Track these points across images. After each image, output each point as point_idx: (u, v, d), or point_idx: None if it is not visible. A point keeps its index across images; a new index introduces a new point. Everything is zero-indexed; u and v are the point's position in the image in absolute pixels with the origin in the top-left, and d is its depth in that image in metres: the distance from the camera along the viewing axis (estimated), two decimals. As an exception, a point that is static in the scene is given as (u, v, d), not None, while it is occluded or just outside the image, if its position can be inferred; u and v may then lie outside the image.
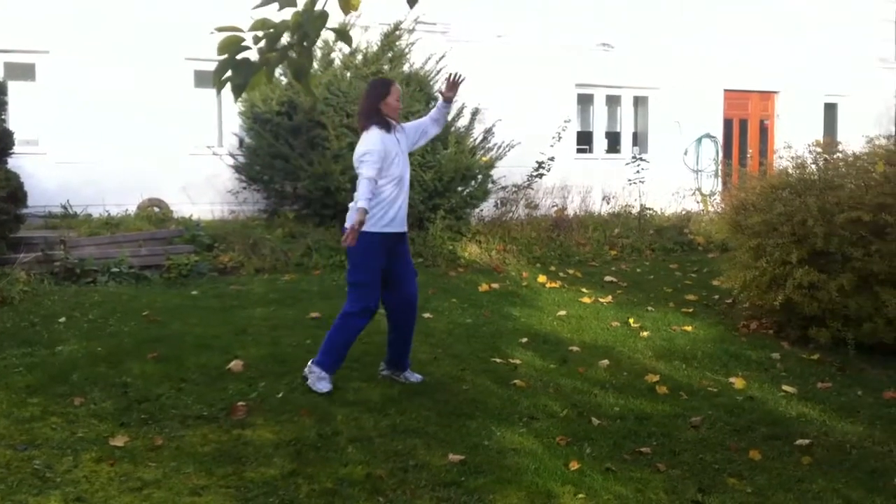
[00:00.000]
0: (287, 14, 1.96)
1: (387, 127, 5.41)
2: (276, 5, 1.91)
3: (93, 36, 11.57)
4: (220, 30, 1.93)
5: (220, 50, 1.94)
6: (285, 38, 1.96)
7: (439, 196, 10.71)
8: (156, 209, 11.70)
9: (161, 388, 5.35)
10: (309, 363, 5.50)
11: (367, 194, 5.16)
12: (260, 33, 1.90)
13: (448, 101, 5.67)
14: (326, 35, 2.62)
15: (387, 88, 5.47)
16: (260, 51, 1.95)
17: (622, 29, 15.15)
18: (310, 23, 1.88)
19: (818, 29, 16.61)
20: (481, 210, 11.87)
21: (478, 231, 11.24)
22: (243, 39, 1.94)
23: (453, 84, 5.60)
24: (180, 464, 4.23)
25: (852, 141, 8.84)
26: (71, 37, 11.49)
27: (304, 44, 1.93)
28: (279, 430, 4.72)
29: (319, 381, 5.40)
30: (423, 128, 5.73)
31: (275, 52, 1.93)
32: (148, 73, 11.83)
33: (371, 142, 5.29)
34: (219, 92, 2.13)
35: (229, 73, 1.95)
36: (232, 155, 11.73)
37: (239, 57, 1.92)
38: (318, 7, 1.93)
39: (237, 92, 2.06)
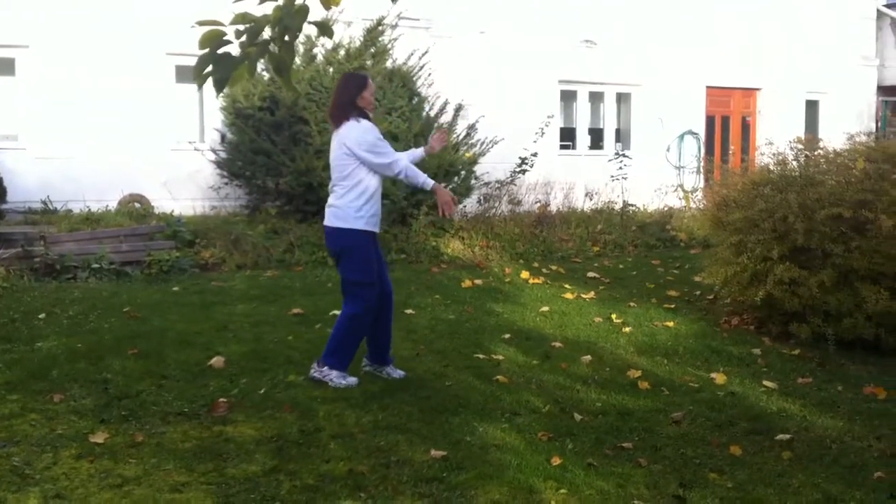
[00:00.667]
0: (268, 8, 1.95)
1: (368, 119, 5.43)
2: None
3: (73, 31, 11.49)
4: (202, 24, 1.91)
5: (202, 44, 1.92)
6: (267, 33, 1.95)
7: (422, 192, 10.69)
8: (137, 205, 11.63)
9: (142, 385, 5.32)
10: (316, 366, 5.47)
11: (418, 173, 5.46)
12: (241, 27, 1.89)
13: (429, 152, 5.99)
14: (309, 30, 2.60)
15: (364, 82, 5.46)
16: (241, 45, 1.93)
17: (605, 26, 15.19)
18: (290, 17, 1.87)
19: (800, 26, 16.71)
20: (464, 206, 11.87)
21: (461, 227, 11.24)
22: (224, 34, 1.92)
23: (440, 139, 5.85)
24: (161, 460, 4.21)
25: (833, 138, 8.92)
26: (51, 31, 11.41)
27: (286, 38, 1.92)
28: (261, 426, 4.70)
29: (343, 378, 5.42)
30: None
31: (256, 46, 1.91)
32: (129, 68, 11.76)
33: (373, 129, 5.34)
34: (200, 86, 2.12)
35: (210, 67, 1.94)
36: (214, 150, 11.68)
37: (220, 51, 1.91)
38: (298, 2, 1.92)
39: (219, 86, 2.04)
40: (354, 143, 5.28)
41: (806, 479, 4.30)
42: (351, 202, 5.32)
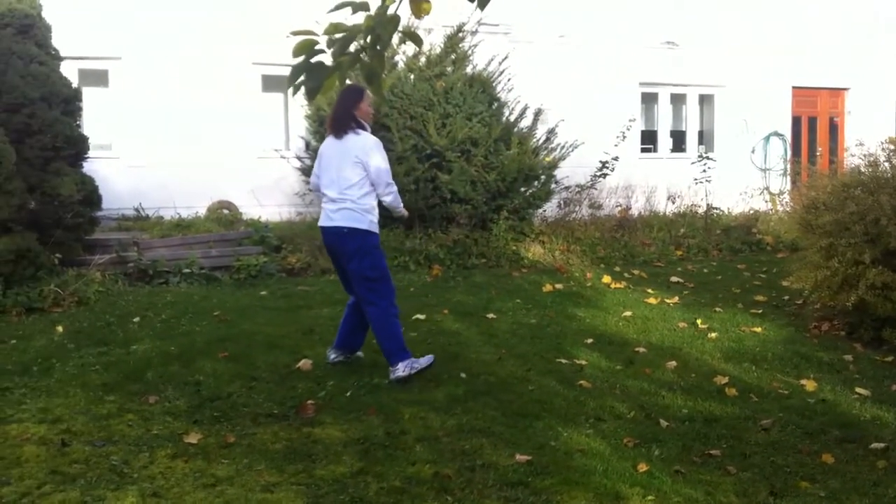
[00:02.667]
0: (359, 18, 2.00)
1: (366, 130, 5.69)
2: (349, 9, 1.95)
3: (163, 43, 11.85)
4: (295, 34, 1.97)
5: (295, 53, 1.98)
6: (357, 43, 1.99)
7: (502, 197, 10.71)
8: (225, 211, 11.92)
9: (232, 387, 5.46)
10: (391, 372, 5.58)
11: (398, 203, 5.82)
12: (334, 37, 1.94)
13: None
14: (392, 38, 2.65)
15: (360, 94, 5.67)
16: (333, 54, 1.98)
17: (687, 26, 14.96)
18: (382, 26, 1.91)
19: (890, 24, 16.18)
20: (544, 210, 11.83)
21: (541, 231, 11.21)
22: (317, 43, 1.97)
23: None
24: (252, 461, 4.32)
25: (927, 137, 8.61)
26: (142, 43, 11.78)
27: (377, 47, 1.97)
28: (347, 428, 4.78)
29: (416, 363, 5.56)
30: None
31: (347, 55, 1.96)
32: (217, 78, 12.08)
33: (379, 146, 5.64)
34: (294, 94, 2.18)
35: (303, 76, 2.00)
36: (299, 158, 11.89)
37: (313, 60, 1.96)
38: (389, 11, 1.96)
39: (311, 95, 2.10)
40: (365, 151, 5.56)
41: (902, 490, 4.17)
42: (366, 205, 5.59)
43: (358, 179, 5.55)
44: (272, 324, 7.12)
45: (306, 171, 11.73)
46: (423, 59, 11.16)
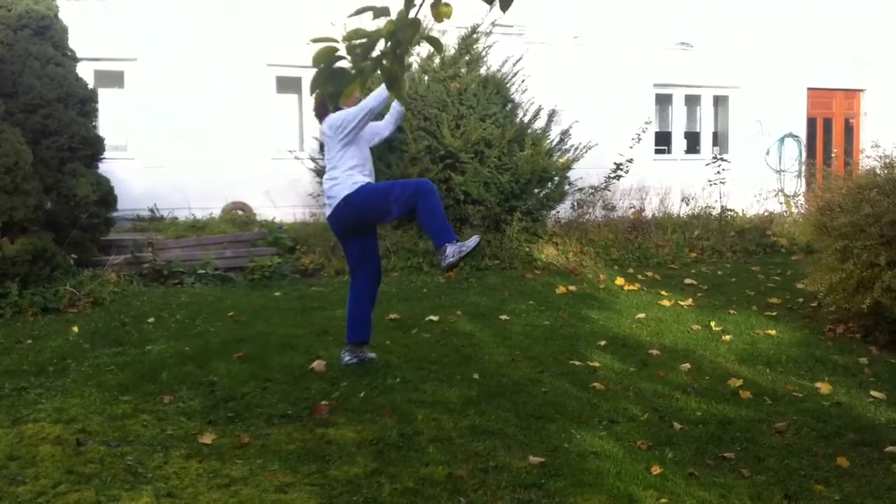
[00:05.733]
0: (380, 22, 2.01)
1: None
2: (369, 14, 1.96)
3: (178, 44, 11.91)
4: (316, 41, 1.98)
5: (316, 61, 1.99)
6: (379, 47, 2.01)
7: (515, 198, 10.71)
8: (239, 212, 11.98)
9: (246, 387, 5.48)
10: (438, 254, 5.58)
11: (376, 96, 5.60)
12: (355, 42, 1.95)
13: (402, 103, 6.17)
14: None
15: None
16: (354, 60, 2.00)
17: (701, 27, 14.93)
18: (402, 30, 1.92)
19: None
20: (558, 212, 11.83)
21: (554, 233, 11.20)
22: (338, 49, 1.99)
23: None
24: (266, 461, 4.33)
25: (944, 140, 8.57)
26: (157, 45, 11.86)
27: (397, 52, 1.98)
28: (361, 429, 4.79)
29: (463, 247, 5.49)
30: (376, 130, 6.08)
31: (369, 61, 1.97)
32: (231, 79, 12.14)
33: (346, 110, 5.67)
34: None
35: (325, 82, 2.01)
36: (313, 159, 11.93)
37: (335, 66, 1.98)
38: (410, 15, 1.97)
39: (333, 100, 2.12)
40: (330, 126, 5.71)
41: (918, 494, 4.15)
42: (349, 172, 5.67)
43: (333, 154, 5.73)
44: (286, 325, 7.15)
45: (320, 173, 11.76)
46: (437, 61, 11.18)
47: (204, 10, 12.04)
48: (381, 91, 5.59)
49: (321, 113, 5.91)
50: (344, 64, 2.01)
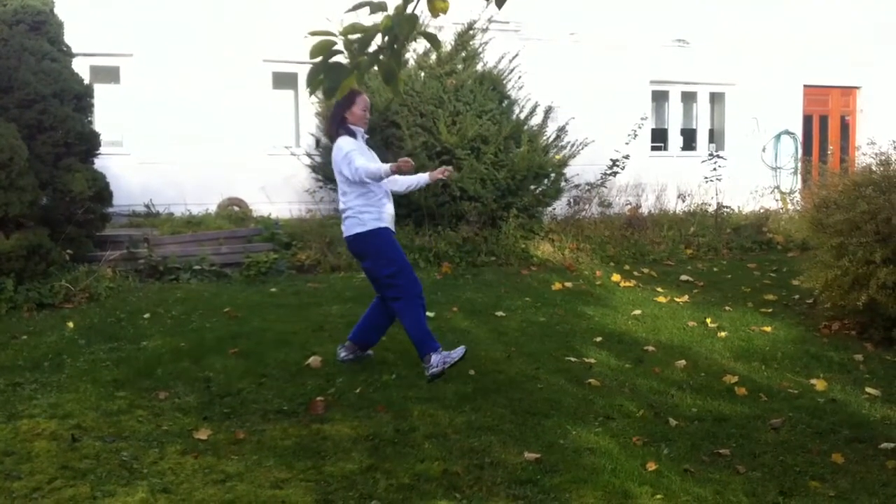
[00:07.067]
0: (377, 17, 2.00)
1: (353, 135, 5.70)
2: (365, 9, 1.96)
3: (174, 39, 11.88)
4: (313, 34, 1.98)
5: (313, 54, 1.99)
6: (376, 42, 2.00)
7: (512, 195, 10.71)
8: (235, 208, 11.96)
9: (242, 383, 5.48)
10: (425, 367, 5.58)
11: (376, 169, 5.50)
12: (352, 37, 1.95)
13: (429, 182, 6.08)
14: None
15: (350, 99, 5.66)
16: (351, 54, 1.99)
17: (698, 25, 14.93)
18: (400, 25, 1.92)
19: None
20: (554, 209, 11.83)
21: (551, 230, 11.21)
22: (335, 43, 1.98)
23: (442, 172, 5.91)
24: (262, 457, 4.33)
25: (940, 137, 8.58)
26: (153, 40, 11.82)
27: (394, 47, 1.97)
28: (357, 425, 4.79)
29: (447, 357, 5.53)
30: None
31: (366, 56, 1.97)
32: (228, 75, 12.11)
33: (346, 144, 5.62)
34: (312, 93, 2.19)
35: (322, 76, 2.01)
36: (309, 155, 11.92)
37: (331, 61, 1.97)
38: (407, 10, 1.96)
39: (329, 95, 2.11)
40: (336, 162, 5.64)
41: (913, 490, 4.16)
42: (362, 206, 5.60)
43: (346, 187, 5.66)
44: (282, 321, 7.14)
45: (316, 169, 11.77)
46: (433, 57, 11.16)
47: (200, 5, 12.01)
48: (379, 171, 5.50)
49: (330, 134, 5.91)
50: (341, 59, 2.00)
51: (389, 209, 5.74)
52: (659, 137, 15.73)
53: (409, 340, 5.72)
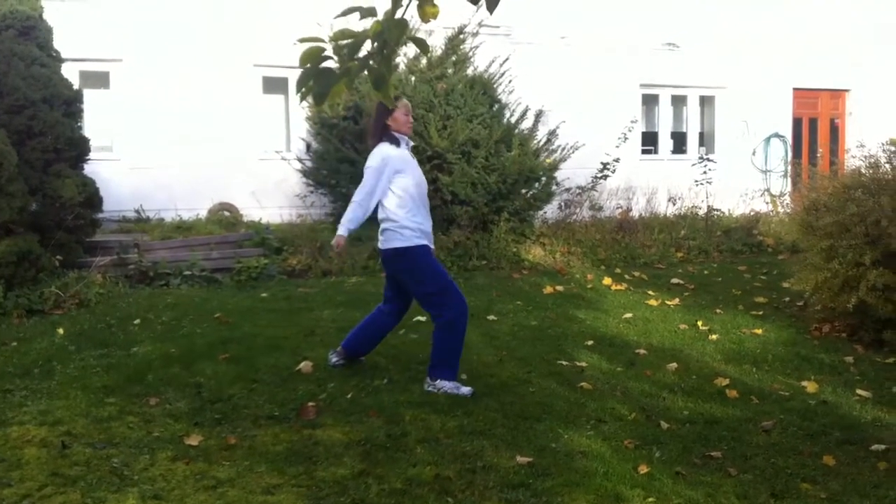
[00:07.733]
0: (367, 23, 2.00)
1: (396, 142, 5.53)
2: (356, 15, 1.96)
3: (164, 44, 11.86)
4: (303, 41, 1.98)
5: (303, 60, 1.98)
6: (366, 48, 2.00)
7: (503, 198, 10.71)
8: (226, 213, 11.94)
9: (233, 389, 5.46)
10: (429, 381, 5.51)
11: (352, 221, 5.39)
12: (341, 43, 1.95)
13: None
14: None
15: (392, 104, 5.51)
16: (341, 60, 1.99)
17: (688, 28, 14.98)
18: (390, 30, 1.92)
19: (890, 25, 16.19)
20: (545, 212, 11.84)
21: (542, 233, 11.21)
22: (325, 50, 1.98)
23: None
24: (253, 463, 4.32)
25: (928, 139, 8.61)
26: (143, 45, 11.79)
27: (384, 52, 1.97)
28: (349, 430, 4.79)
29: (457, 389, 5.44)
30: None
31: (356, 61, 1.97)
32: (217, 79, 12.09)
33: (377, 157, 5.47)
34: (302, 100, 2.19)
35: (311, 82, 2.00)
36: (300, 160, 11.91)
37: (321, 66, 1.97)
38: (397, 15, 1.96)
39: (318, 100, 2.11)
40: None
41: (903, 492, 4.17)
42: (401, 219, 5.42)
43: (384, 197, 5.48)
44: (273, 326, 7.13)
45: (307, 173, 11.76)
46: (423, 61, 11.17)
47: (190, 10, 11.99)
48: (351, 218, 5.40)
49: (371, 141, 5.65)
50: (331, 64, 2.00)
51: (428, 225, 5.58)
52: (649, 141, 15.77)
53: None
